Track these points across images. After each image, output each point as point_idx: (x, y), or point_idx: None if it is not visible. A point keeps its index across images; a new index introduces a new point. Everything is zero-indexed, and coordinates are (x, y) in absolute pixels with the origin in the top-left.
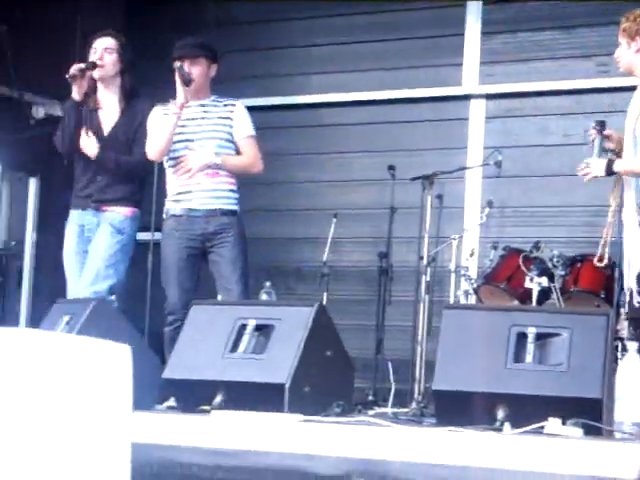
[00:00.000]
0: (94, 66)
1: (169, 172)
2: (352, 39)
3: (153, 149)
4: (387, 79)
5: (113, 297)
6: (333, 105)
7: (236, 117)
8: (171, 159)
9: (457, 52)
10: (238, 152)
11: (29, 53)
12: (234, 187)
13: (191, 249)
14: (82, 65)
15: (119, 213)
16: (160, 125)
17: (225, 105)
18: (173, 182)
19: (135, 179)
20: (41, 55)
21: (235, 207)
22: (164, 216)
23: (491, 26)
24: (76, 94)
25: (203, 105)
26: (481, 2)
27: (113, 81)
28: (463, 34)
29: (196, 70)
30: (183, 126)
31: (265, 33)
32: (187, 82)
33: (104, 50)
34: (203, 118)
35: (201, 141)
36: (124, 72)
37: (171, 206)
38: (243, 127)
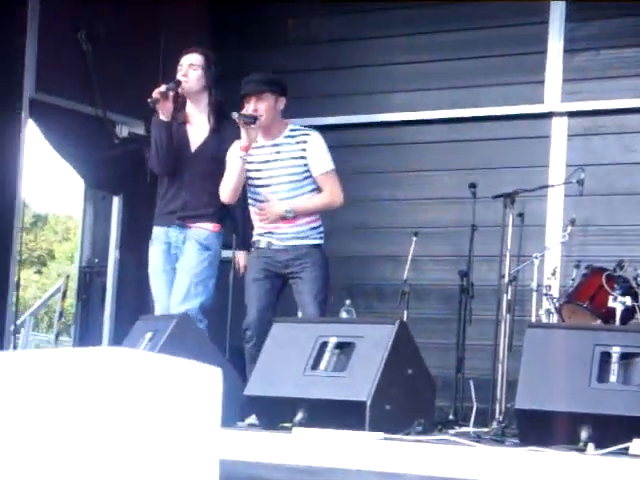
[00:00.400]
0: (177, 84)
1: (251, 210)
2: (432, 57)
3: (224, 191)
4: (468, 97)
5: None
6: (413, 123)
7: (310, 154)
8: (252, 199)
9: (539, 70)
10: (318, 187)
11: (113, 72)
12: (315, 224)
13: (271, 272)
14: (162, 88)
15: (204, 229)
16: (231, 166)
17: (298, 142)
18: (256, 221)
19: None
20: (125, 74)
21: (318, 241)
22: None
23: (573, 43)
24: (163, 116)
25: (276, 145)
26: (564, 20)
27: (200, 97)
28: (545, 52)
29: (262, 106)
30: (258, 170)
31: (345, 51)
32: (252, 121)
33: (189, 66)
34: (276, 160)
35: (278, 186)
36: (211, 88)
37: (255, 239)
38: (319, 163)
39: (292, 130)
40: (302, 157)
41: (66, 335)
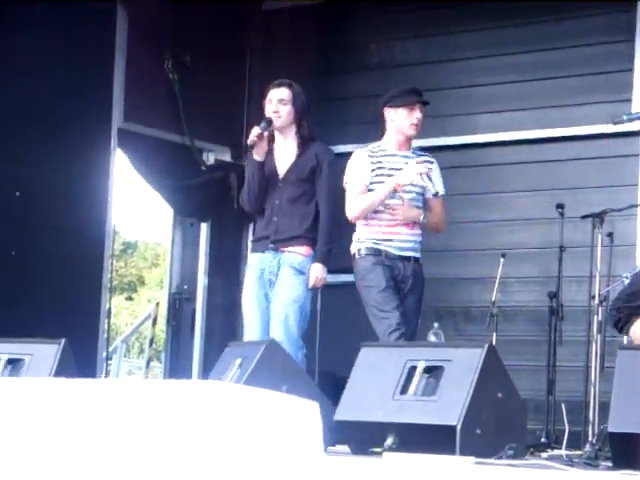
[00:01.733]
0: (269, 123)
1: (376, 217)
2: (516, 78)
3: (356, 210)
4: (554, 117)
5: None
6: (499, 144)
7: (433, 175)
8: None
9: (626, 88)
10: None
11: (199, 100)
12: (421, 237)
13: (393, 280)
14: (257, 130)
15: (297, 254)
16: (366, 175)
17: (424, 161)
18: (372, 228)
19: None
20: (211, 102)
21: (419, 255)
22: (356, 255)
23: None
24: (257, 157)
25: (406, 157)
26: None
27: (289, 129)
28: (632, 69)
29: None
30: (390, 175)
31: (428, 74)
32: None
33: (279, 102)
34: (403, 170)
35: (405, 194)
36: (300, 120)
37: (367, 245)
38: (439, 186)
39: (415, 148)
40: (428, 176)
41: (157, 361)
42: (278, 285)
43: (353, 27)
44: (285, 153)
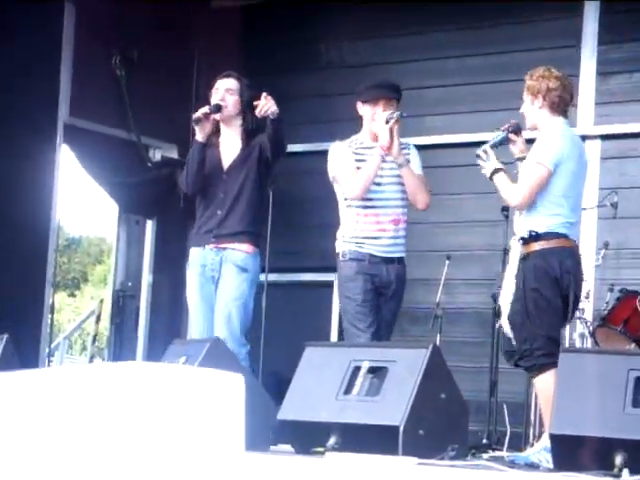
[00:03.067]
0: (218, 109)
1: (352, 213)
2: (465, 80)
3: (357, 187)
4: (502, 120)
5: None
6: (447, 146)
7: (414, 160)
8: (364, 199)
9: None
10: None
11: (146, 97)
12: (405, 234)
13: (373, 291)
14: (206, 109)
15: (240, 251)
16: (368, 163)
17: (402, 148)
18: (358, 224)
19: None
20: (158, 99)
21: (404, 254)
22: (340, 257)
23: (606, 66)
24: (200, 136)
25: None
26: (596, 43)
27: (234, 121)
28: (578, 75)
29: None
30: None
31: (376, 75)
32: (401, 116)
33: (226, 91)
34: (385, 161)
35: (388, 185)
36: (245, 112)
37: (351, 248)
38: (416, 166)
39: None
40: (407, 160)
41: (99, 358)
42: (221, 283)
43: (302, 27)
44: (230, 146)
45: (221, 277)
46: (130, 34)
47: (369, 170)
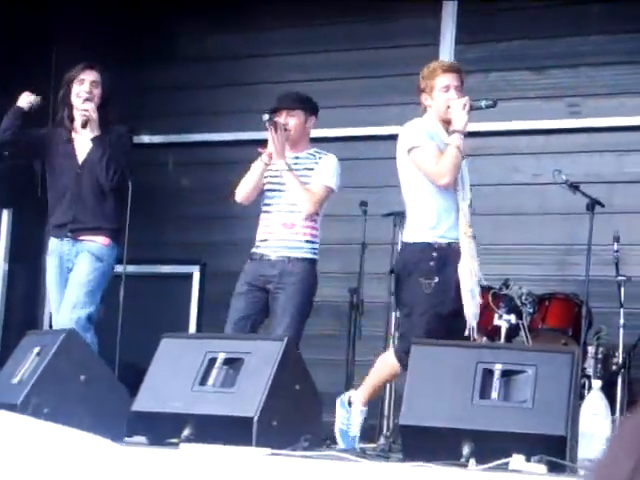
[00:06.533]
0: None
1: (261, 218)
2: (329, 76)
3: (239, 192)
4: (360, 115)
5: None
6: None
7: (319, 168)
8: (264, 204)
9: None
10: None
11: (2, 86)
12: (312, 238)
13: (254, 286)
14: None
15: (96, 242)
16: (252, 170)
17: (316, 159)
18: (259, 228)
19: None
20: (12, 88)
21: (309, 255)
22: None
23: (463, 65)
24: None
25: (297, 157)
26: (453, 42)
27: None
28: None
29: (292, 121)
30: (276, 176)
31: (240, 68)
32: (278, 128)
33: (91, 84)
34: (292, 170)
35: (287, 192)
36: (104, 105)
37: (253, 250)
38: (321, 176)
39: (316, 151)
40: (313, 169)
41: None
42: (74, 269)
43: (166, 17)
44: (85, 140)
45: (75, 264)
46: None
47: (249, 176)
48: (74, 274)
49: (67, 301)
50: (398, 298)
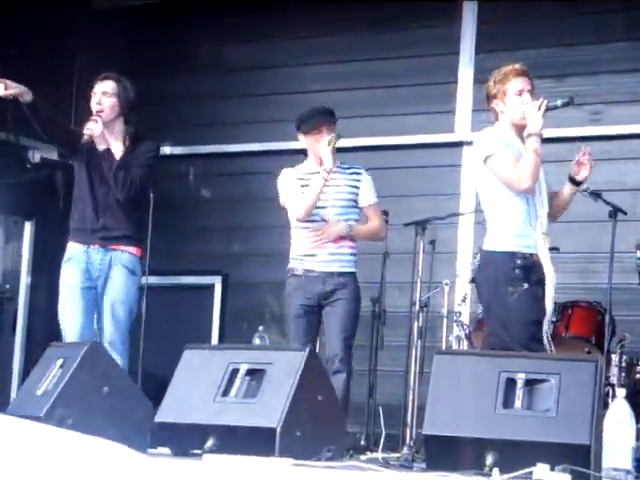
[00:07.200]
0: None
1: (297, 232)
2: (347, 86)
3: (301, 210)
4: (380, 125)
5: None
6: None
7: (362, 185)
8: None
9: (450, 99)
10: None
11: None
12: (354, 250)
13: (307, 307)
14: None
15: (130, 253)
16: (312, 186)
17: (351, 173)
18: (302, 242)
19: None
20: (38, 99)
21: (352, 269)
22: (288, 274)
23: (484, 74)
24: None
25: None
26: (474, 51)
27: (114, 124)
28: (456, 81)
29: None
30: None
31: (258, 78)
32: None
33: (102, 94)
34: (330, 185)
35: (332, 209)
36: (127, 115)
37: (294, 265)
38: (369, 194)
39: (341, 163)
40: (356, 186)
41: None
42: (112, 284)
43: (185, 29)
44: (113, 150)
45: (110, 279)
46: (10, 32)
47: (310, 193)
48: (113, 289)
49: (109, 319)
50: (488, 311)
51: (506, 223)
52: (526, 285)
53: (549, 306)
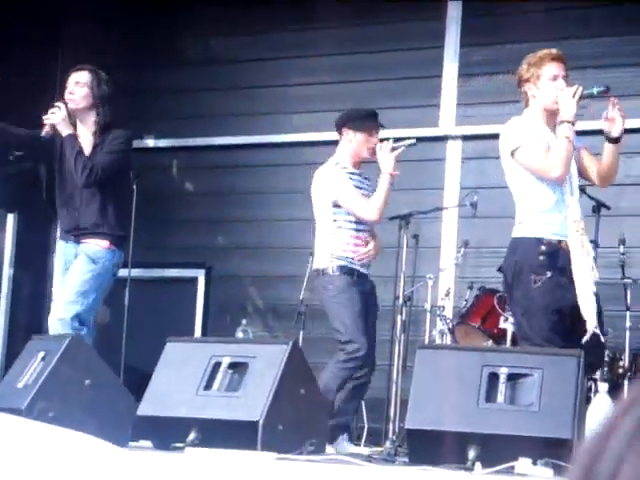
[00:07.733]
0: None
1: (343, 232)
2: (330, 79)
3: (380, 212)
4: None
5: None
6: (312, 144)
7: None
8: (356, 221)
9: (434, 93)
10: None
11: (9, 87)
12: None
13: (364, 305)
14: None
15: (95, 245)
16: (381, 188)
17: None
18: (349, 243)
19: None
20: (21, 89)
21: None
22: (330, 270)
23: (468, 68)
24: (67, 130)
25: (360, 174)
26: (458, 44)
27: (87, 115)
28: (441, 76)
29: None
30: (360, 188)
31: (243, 71)
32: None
33: (75, 84)
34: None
35: None
36: (99, 106)
37: (342, 263)
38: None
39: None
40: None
41: None
42: (69, 270)
43: (170, 21)
44: (83, 141)
45: (71, 265)
46: None
47: (382, 195)
48: (67, 275)
49: (57, 299)
50: (511, 297)
51: (534, 211)
52: (549, 273)
53: (583, 297)
